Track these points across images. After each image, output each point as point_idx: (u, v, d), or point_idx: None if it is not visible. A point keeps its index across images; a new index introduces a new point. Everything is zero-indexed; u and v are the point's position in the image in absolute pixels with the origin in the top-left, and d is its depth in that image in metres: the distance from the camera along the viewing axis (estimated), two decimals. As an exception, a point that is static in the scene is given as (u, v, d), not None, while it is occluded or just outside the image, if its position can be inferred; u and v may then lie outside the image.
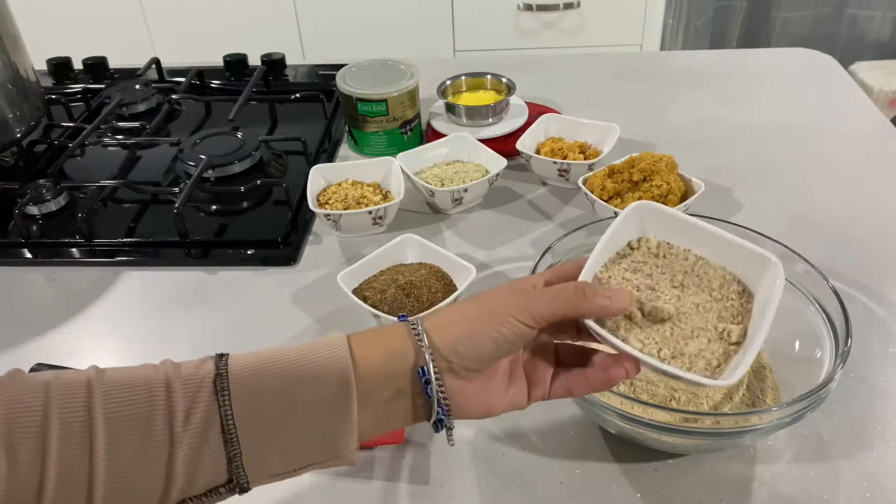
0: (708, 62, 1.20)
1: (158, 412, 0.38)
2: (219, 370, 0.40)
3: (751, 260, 0.48)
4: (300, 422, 0.40)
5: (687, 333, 0.45)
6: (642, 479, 0.57)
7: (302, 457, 0.41)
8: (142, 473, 0.37)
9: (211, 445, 0.38)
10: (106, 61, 1.20)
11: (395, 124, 0.97)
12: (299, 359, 0.41)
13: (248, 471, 0.40)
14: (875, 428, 0.60)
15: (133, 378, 0.39)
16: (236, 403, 0.39)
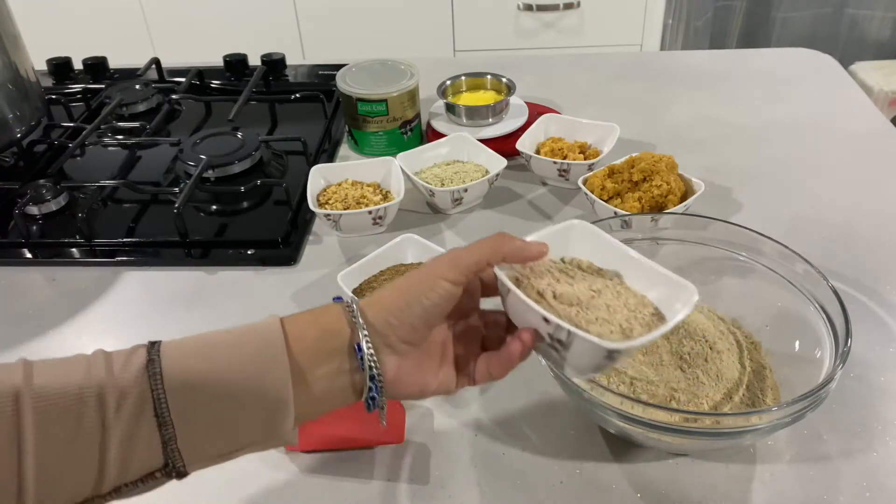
0: (708, 62, 1.20)
1: (89, 405, 0.37)
2: (150, 357, 0.39)
3: (674, 289, 0.47)
4: (234, 404, 0.40)
5: (591, 318, 0.45)
6: (642, 479, 0.57)
7: (238, 439, 0.41)
8: (73, 464, 0.37)
9: (144, 430, 0.38)
10: (106, 61, 1.20)
11: (395, 124, 0.97)
12: (231, 341, 0.41)
13: (184, 454, 0.39)
14: (875, 428, 0.60)
15: (63, 376, 0.38)
16: (169, 387, 0.38)
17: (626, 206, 0.80)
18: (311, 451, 0.60)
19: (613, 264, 0.50)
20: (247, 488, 0.58)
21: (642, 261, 0.49)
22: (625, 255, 0.49)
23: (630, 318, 0.46)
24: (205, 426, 0.40)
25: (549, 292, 0.46)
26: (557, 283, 0.47)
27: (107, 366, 0.39)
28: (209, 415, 0.39)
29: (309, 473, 0.58)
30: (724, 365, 0.60)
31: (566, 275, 0.49)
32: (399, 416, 0.61)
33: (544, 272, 0.48)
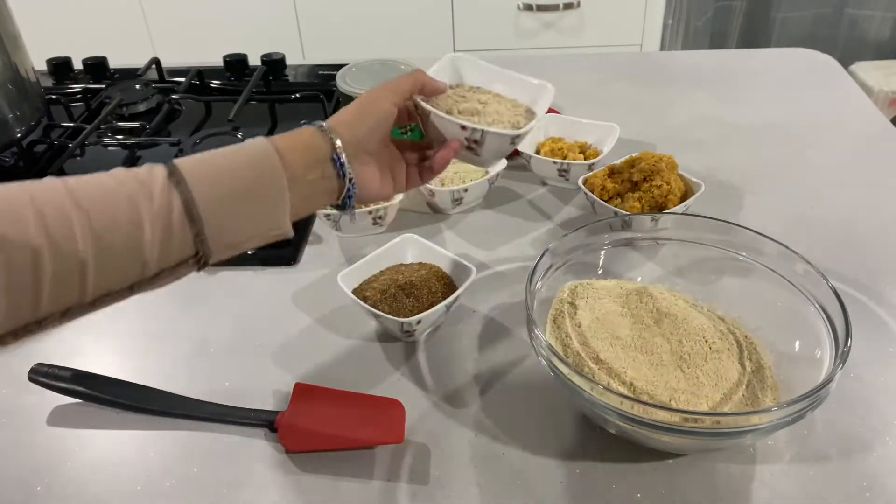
0: (708, 62, 1.20)
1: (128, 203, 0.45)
2: (170, 169, 0.47)
3: (534, 90, 0.65)
4: (247, 203, 0.49)
5: (489, 122, 0.61)
6: (642, 479, 0.57)
7: (248, 229, 0.50)
8: (122, 253, 0.45)
9: (178, 226, 0.46)
10: (106, 61, 1.20)
11: (395, 124, 0.97)
12: (232, 156, 0.50)
13: (210, 242, 0.47)
14: (875, 428, 0.60)
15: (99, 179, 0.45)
16: (194, 189, 0.46)
17: (626, 206, 0.80)
18: (311, 451, 0.60)
19: (491, 81, 0.67)
20: (247, 488, 0.58)
21: (510, 74, 0.67)
22: (498, 72, 0.67)
23: (514, 116, 0.63)
24: (223, 220, 0.48)
25: (455, 109, 0.61)
26: (457, 104, 0.62)
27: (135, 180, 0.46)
28: (226, 212, 0.48)
29: (309, 473, 0.58)
30: (723, 365, 0.60)
31: (461, 97, 0.64)
32: (399, 416, 0.61)
33: (445, 98, 0.63)
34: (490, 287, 0.76)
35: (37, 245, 0.41)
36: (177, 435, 0.62)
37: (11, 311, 0.42)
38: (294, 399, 0.62)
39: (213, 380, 0.67)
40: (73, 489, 0.58)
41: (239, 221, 0.49)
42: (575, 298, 0.66)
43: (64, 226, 0.43)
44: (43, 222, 0.42)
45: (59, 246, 0.42)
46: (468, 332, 0.71)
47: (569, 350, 0.62)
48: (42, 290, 0.42)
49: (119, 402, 0.64)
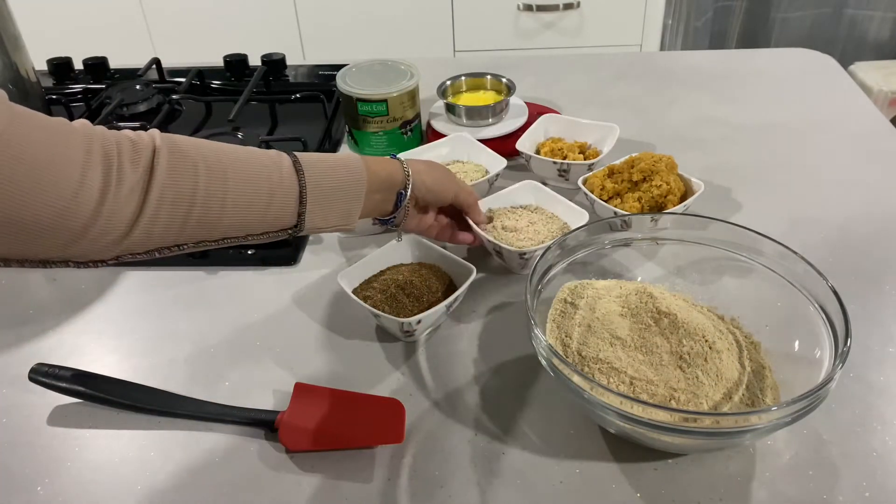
0: (708, 62, 1.20)
1: (264, 179, 0.58)
2: (293, 157, 0.60)
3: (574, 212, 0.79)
4: (336, 199, 0.62)
5: (521, 238, 0.76)
6: (642, 479, 0.57)
7: (331, 219, 0.63)
8: (250, 212, 0.57)
9: (290, 205, 0.59)
10: (106, 61, 1.20)
11: (395, 124, 0.97)
12: (335, 161, 0.63)
13: (306, 222, 0.61)
14: (875, 428, 0.60)
15: (245, 152, 0.58)
16: (309, 181, 0.60)
17: (625, 206, 0.80)
18: (311, 451, 0.60)
19: (548, 203, 0.82)
20: (247, 488, 0.58)
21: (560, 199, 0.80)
22: (554, 197, 0.81)
23: (546, 234, 0.76)
24: (318, 209, 0.61)
25: (500, 226, 0.78)
26: (505, 220, 0.79)
27: (269, 159, 0.59)
28: (323, 203, 0.61)
29: (309, 473, 0.59)
30: (723, 365, 0.60)
31: (514, 213, 0.80)
32: (399, 416, 0.61)
33: (500, 215, 0.80)
34: (490, 287, 0.76)
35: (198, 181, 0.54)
36: (177, 435, 0.62)
37: (167, 232, 0.53)
38: (294, 399, 0.62)
39: (213, 380, 0.67)
40: (74, 489, 0.58)
41: (327, 212, 0.62)
42: (575, 298, 0.66)
43: (220, 173, 0.55)
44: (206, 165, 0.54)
45: (213, 185, 0.54)
46: (468, 332, 0.71)
47: (569, 350, 0.62)
48: (191, 217, 0.54)
49: (119, 402, 0.64)
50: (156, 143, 0.53)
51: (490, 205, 0.81)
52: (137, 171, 0.51)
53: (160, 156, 0.52)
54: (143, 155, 0.51)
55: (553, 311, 0.66)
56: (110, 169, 0.49)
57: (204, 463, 0.60)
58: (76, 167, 0.48)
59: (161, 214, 0.52)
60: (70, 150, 0.48)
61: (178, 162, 0.53)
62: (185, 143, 0.55)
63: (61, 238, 0.48)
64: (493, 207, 0.81)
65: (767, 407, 0.57)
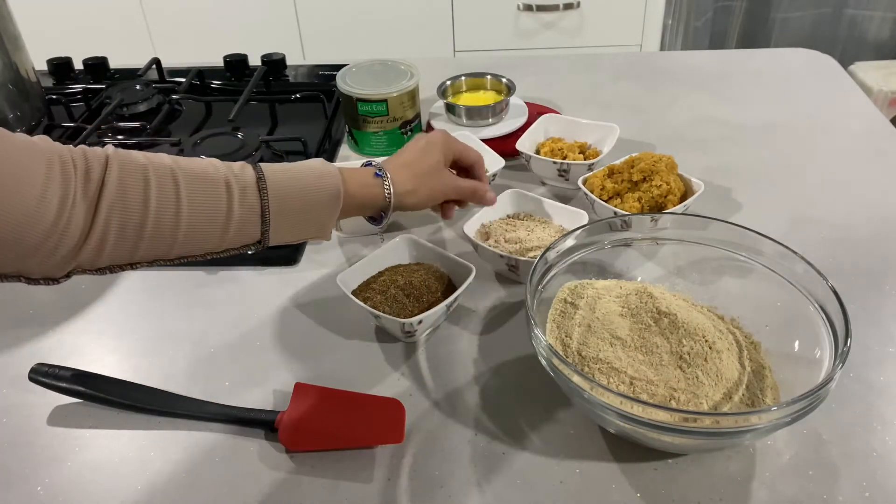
0: (708, 62, 1.20)
1: (221, 189, 0.56)
2: (258, 175, 0.59)
3: (572, 215, 0.79)
4: (305, 218, 0.62)
5: (526, 247, 0.75)
6: (642, 479, 0.57)
7: (302, 234, 0.63)
8: (208, 230, 0.56)
9: (252, 223, 0.58)
10: (106, 61, 1.20)
11: (395, 124, 0.97)
12: (309, 182, 0.61)
13: (270, 237, 0.60)
14: (875, 428, 0.60)
15: (203, 167, 0.57)
16: (272, 201, 0.59)
17: (625, 206, 0.80)
18: (311, 450, 0.60)
19: (537, 209, 0.82)
20: (247, 488, 0.58)
21: (548, 202, 0.81)
22: (540, 201, 0.81)
23: (549, 240, 0.76)
24: (285, 226, 0.61)
25: (502, 240, 0.76)
26: (504, 233, 0.78)
27: (231, 176, 0.57)
28: (289, 221, 0.60)
29: (309, 473, 0.59)
30: (723, 365, 0.60)
31: (509, 225, 0.79)
32: (399, 416, 0.61)
33: (496, 228, 0.79)
34: (490, 287, 0.76)
35: (149, 200, 0.53)
36: (177, 435, 0.62)
37: (118, 250, 0.53)
38: (294, 399, 0.62)
39: (213, 380, 0.67)
40: (73, 489, 0.58)
41: (296, 228, 0.61)
42: (575, 298, 0.66)
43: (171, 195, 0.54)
44: (158, 184, 0.54)
45: (163, 205, 0.54)
46: (468, 332, 0.71)
47: (569, 350, 0.62)
48: (143, 238, 0.53)
49: (119, 402, 0.64)
50: (108, 157, 0.53)
51: (481, 220, 0.80)
52: (90, 186, 0.51)
53: (111, 170, 0.52)
54: (94, 170, 0.51)
55: (553, 311, 0.66)
56: (69, 183, 0.50)
57: (204, 463, 0.60)
58: (38, 180, 0.48)
59: (111, 230, 0.52)
60: (32, 163, 0.48)
61: (128, 177, 0.53)
62: (138, 158, 0.54)
63: (18, 251, 0.48)
64: (485, 222, 0.80)
65: (767, 407, 0.57)
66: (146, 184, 0.53)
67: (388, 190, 0.66)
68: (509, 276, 0.76)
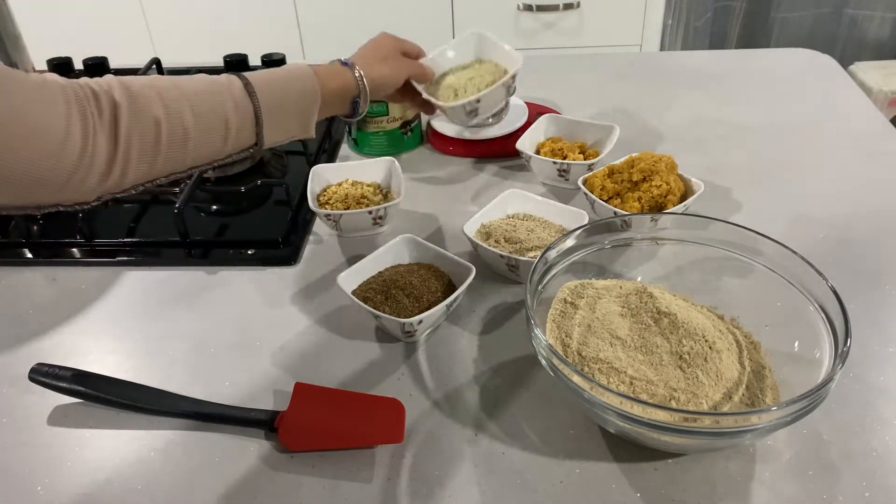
0: (708, 62, 1.20)
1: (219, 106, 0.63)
2: (244, 81, 0.65)
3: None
4: (291, 114, 0.70)
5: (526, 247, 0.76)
6: (642, 479, 0.57)
7: (288, 131, 0.70)
8: (212, 137, 0.63)
9: (248, 124, 0.65)
10: (106, 61, 1.20)
11: (395, 124, 0.97)
12: (290, 82, 0.70)
13: (265, 136, 0.67)
14: (874, 428, 0.60)
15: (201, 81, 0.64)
16: (261, 101, 0.66)
17: (625, 206, 0.80)
18: (311, 450, 0.60)
19: (536, 208, 0.82)
20: (247, 488, 0.58)
21: (546, 201, 0.81)
22: (539, 200, 0.82)
23: (549, 240, 0.76)
24: (274, 125, 0.68)
25: (503, 240, 0.77)
26: (504, 233, 0.78)
27: (224, 85, 0.64)
28: (277, 119, 0.68)
29: (309, 473, 0.59)
30: (723, 365, 0.60)
31: (509, 225, 0.80)
32: (399, 416, 0.61)
33: (496, 228, 0.79)
34: (490, 287, 0.76)
35: (160, 118, 0.59)
36: (177, 435, 0.62)
37: (139, 168, 0.59)
38: (294, 399, 0.62)
39: (213, 380, 0.67)
40: (74, 489, 0.58)
41: (284, 127, 0.69)
42: (575, 298, 0.66)
43: (178, 109, 0.60)
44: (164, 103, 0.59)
45: (172, 120, 0.60)
46: (468, 332, 0.71)
47: (569, 350, 0.62)
48: (159, 153, 0.59)
49: (119, 402, 0.64)
50: (115, 90, 0.57)
51: (481, 220, 0.80)
52: (104, 117, 0.56)
53: (121, 97, 0.57)
54: (103, 99, 0.56)
55: (553, 311, 0.66)
56: (86, 117, 0.54)
57: (204, 463, 0.60)
58: (60, 120, 0.52)
59: (132, 154, 0.57)
60: (52, 103, 0.52)
61: (139, 105, 0.58)
62: (142, 84, 0.59)
63: (51, 187, 0.54)
64: (485, 222, 0.80)
65: (767, 407, 0.57)
66: (155, 109, 0.58)
67: (357, 73, 0.75)
68: (509, 276, 0.76)
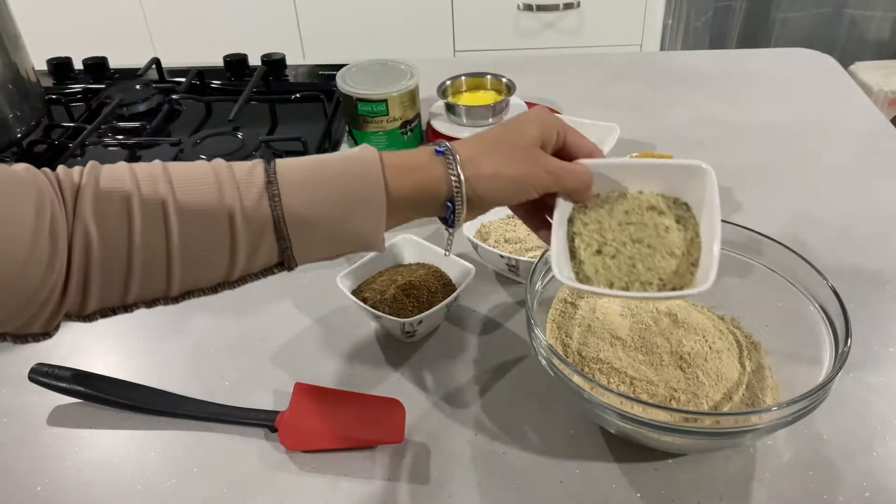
0: (708, 62, 1.20)
1: (222, 222, 0.45)
2: (269, 177, 0.46)
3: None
4: (337, 227, 0.48)
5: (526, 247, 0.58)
6: (642, 479, 0.57)
7: (339, 248, 0.49)
8: (209, 264, 0.46)
9: (266, 240, 0.46)
10: (106, 61, 1.20)
11: (395, 124, 0.97)
12: (337, 178, 0.47)
13: (296, 257, 0.48)
14: (875, 428, 0.60)
15: (200, 194, 0.45)
16: (287, 209, 0.46)
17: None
18: (311, 451, 0.60)
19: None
20: (247, 488, 0.58)
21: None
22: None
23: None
24: (313, 241, 0.48)
25: (502, 239, 0.68)
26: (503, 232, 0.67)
27: (232, 185, 0.46)
28: (317, 234, 0.47)
29: (309, 473, 0.58)
30: (723, 365, 0.60)
31: (509, 224, 0.69)
32: (399, 416, 0.61)
33: (496, 228, 0.67)
34: (490, 287, 0.76)
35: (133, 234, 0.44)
36: (177, 435, 0.62)
37: (104, 291, 0.44)
38: (294, 399, 0.62)
39: (213, 380, 0.67)
40: (73, 489, 0.58)
41: (328, 240, 0.48)
42: (575, 298, 0.66)
43: (156, 213, 0.44)
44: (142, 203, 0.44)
45: (150, 234, 0.44)
46: (468, 332, 0.71)
47: (569, 350, 0.62)
48: (132, 276, 0.44)
49: (119, 402, 0.64)
50: (80, 183, 0.44)
51: (481, 220, 0.80)
52: (66, 218, 0.43)
53: (83, 197, 0.43)
54: (68, 198, 0.43)
55: (553, 311, 0.66)
56: (57, 219, 0.42)
57: (204, 463, 0.60)
58: (28, 222, 0.40)
59: (93, 268, 0.43)
60: (21, 202, 0.40)
61: (105, 202, 0.43)
62: (120, 174, 0.45)
63: (12, 304, 0.41)
64: (485, 222, 0.80)
65: (767, 407, 0.57)
66: (128, 207, 0.43)
67: (453, 170, 0.49)
68: (509, 276, 0.76)
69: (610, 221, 0.54)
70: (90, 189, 0.43)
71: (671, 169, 0.54)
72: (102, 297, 0.45)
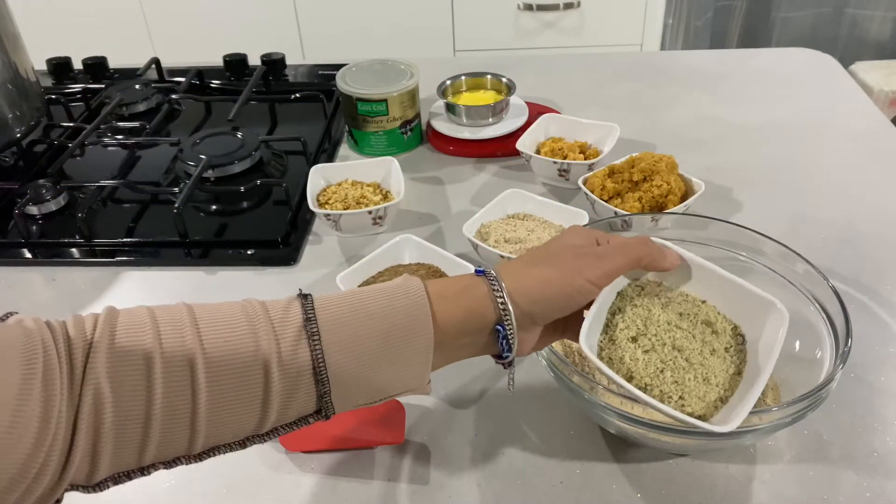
0: (708, 62, 1.20)
1: (256, 373, 0.41)
2: (307, 314, 0.43)
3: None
4: (382, 366, 0.44)
5: (526, 247, 0.53)
6: (642, 479, 0.57)
7: (381, 391, 0.45)
8: (238, 415, 0.41)
9: (303, 385, 0.42)
10: (106, 61, 1.20)
11: (395, 124, 0.97)
12: (381, 312, 0.44)
13: (334, 402, 0.44)
14: (875, 428, 0.60)
15: (233, 346, 0.41)
16: (327, 350, 0.42)
17: (626, 206, 0.80)
18: (311, 451, 0.60)
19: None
20: (247, 488, 0.58)
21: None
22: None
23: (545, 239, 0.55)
24: (355, 383, 0.44)
25: (502, 239, 0.62)
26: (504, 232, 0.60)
27: (267, 327, 0.42)
28: (359, 375, 0.43)
29: (309, 473, 0.58)
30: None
31: (509, 224, 0.62)
32: (399, 416, 0.61)
33: (496, 227, 0.59)
34: (490, 287, 0.76)
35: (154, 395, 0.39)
36: (176, 435, 0.62)
37: (117, 457, 0.39)
38: (294, 399, 0.62)
39: (212, 380, 0.67)
40: (73, 489, 0.58)
41: (370, 386, 0.44)
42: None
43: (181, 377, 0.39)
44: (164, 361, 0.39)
45: (173, 395, 0.39)
46: (468, 332, 0.71)
47: (569, 350, 0.62)
48: (149, 439, 0.40)
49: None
50: (94, 333, 0.40)
51: (481, 220, 0.79)
52: (74, 379, 0.38)
53: (97, 350, 0.39)
54: (77, 356, 0.38)
55: (553, 311, 0.65)
56: (52, 386, 0.37)
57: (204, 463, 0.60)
58: (10, 392, 0.35)
59: (104, 433, 0.38)
60: (1, 369, 0.36)
61: (121, 359, 0.39)
62: (135, 321, 0.41)
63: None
64: (485, 222, 0.80)
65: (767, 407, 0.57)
66: (148, 365, 0.39)
67: (495, 284, 0.46)
68: None
69: (660, 316, 0.52)
70: (104, 343, 0.39)
71: (745, 294, 0.51)
72: (115, 462, 0.39)
